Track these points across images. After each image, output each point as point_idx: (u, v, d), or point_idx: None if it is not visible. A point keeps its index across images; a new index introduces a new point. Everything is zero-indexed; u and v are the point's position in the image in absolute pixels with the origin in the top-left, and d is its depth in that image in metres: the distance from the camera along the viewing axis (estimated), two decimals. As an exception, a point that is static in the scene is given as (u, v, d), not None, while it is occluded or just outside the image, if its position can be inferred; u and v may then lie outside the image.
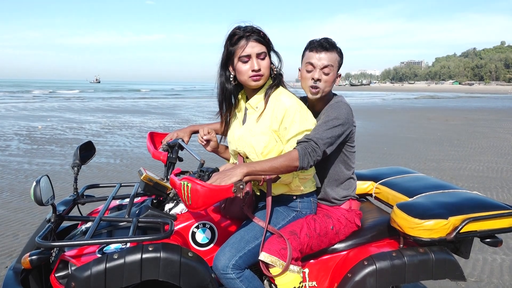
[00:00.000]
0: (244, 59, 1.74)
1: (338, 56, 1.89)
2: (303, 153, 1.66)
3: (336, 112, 1.81)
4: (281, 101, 1.77)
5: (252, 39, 1.73)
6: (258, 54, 1.74)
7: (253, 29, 1.75)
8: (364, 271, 1.77)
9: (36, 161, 7.41)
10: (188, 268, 1.56)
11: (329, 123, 1.76)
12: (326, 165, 1.93)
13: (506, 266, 3.46)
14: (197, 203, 1.46)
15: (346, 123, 1.81)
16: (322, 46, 1.85)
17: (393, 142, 10.33)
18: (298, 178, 1.83)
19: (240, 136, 1.86)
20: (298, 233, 1.78)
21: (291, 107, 1.75)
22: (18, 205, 4.91)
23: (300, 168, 1.67)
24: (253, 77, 1.76)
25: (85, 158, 2.11)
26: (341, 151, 1.91)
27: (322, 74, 1.85)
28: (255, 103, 1.84)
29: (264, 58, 1.76)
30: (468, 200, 1.92)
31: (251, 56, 1.74)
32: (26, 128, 11.93)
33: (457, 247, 2.01)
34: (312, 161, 1.68)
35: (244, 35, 1.74)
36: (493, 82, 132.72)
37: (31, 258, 1.50)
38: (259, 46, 1.74)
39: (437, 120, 16.85)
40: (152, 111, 20.28)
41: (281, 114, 1.75)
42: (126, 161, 7.58)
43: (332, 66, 1.85)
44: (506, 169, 7.33)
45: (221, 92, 1.88)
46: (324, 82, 1.86)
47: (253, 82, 1.78)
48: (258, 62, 1.75)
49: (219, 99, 1.91)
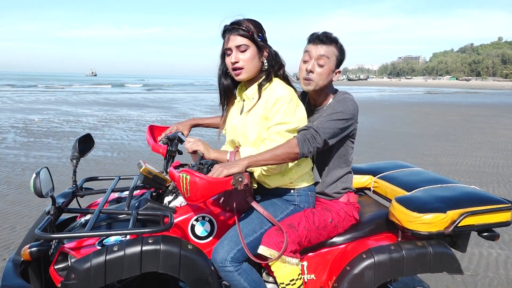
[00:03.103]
0: (228, 52, 1.80)
1: (336, 50, 1.88)
2: (302, 140, 1.68)
3: (343, 106, 1.82)
4: (274, 90, 1.79)
5: (234, 32, 1.77)
6: (237, 47, 1.77)
7: (236, 22, 1.78)
8: (362, 264, 1.78)
9: (33, 154, 7.38)
10: (188, 261, 1.57)
11: (333, 115, 1.78)
12: (326, 159, 1.94)
13: (502, 260, 3.49)
14: (196, 196, 1.46)
15: (351, 119, 1.82)
16: (319, 39, 1.87)
17: (390, 137, 10.35)
18: (296, 170, 1.84)
19: (235, 125, 1.89)
20: (296, 226, 1.79)
21: (282, 97, 1.76)
22: (15, 198, 4.90)
23: (301, 155, 1.69)
24: (234, 70, 1.80)
25: (84, 151, 2.10)
26: (343, 146, 1.93)
27: (316, 66, 1.86)
28: (251, 94, 1.86)
29: (244, 51, 1.78)
30: (466, 194, 1.93)
31: (231, 49, 1.78)
32: (23, 121, 11.86)
33: (454, 241, 2.02)
34: (311, 148, 1.70)
35: (228, 29, 1.79)
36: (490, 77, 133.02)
37: (30, 250, 1.50)
38: (239, 39, 1.77)
39: (434, 115, 16.89)
40: (149, 104, 20.21)
41: (271, 103, 1.77)
42: (123, 155, 7.57)
43: (327, 58, 1.85)
44: (503, 164, 7.37)
45: (221, 83, 1.93)
46: (317, 74, 1.86)
47: (235, 76, 1.83)
48: (236, 55, 1.78)
49: (219, 90, 1.96)
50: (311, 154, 1.72)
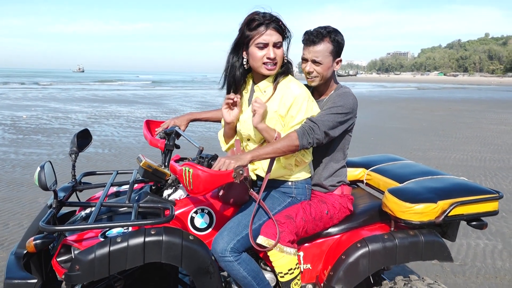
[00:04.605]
0: (261, 45, 1.76)
1: (330, 44, 1.89)
2: (302, 132, 1.74)
3: (343, 101, 1.87)
4: (291, 88, 1.81)
5: (271, 27, 1.74)
6: (275, 43, 1.76)
7: (272, 17, 1.76)
8: (357, 253, 1.84)
9: (22, 151, 7.32)
10: (189, 251, 1.61)
11: (333, 109, 1.84)
12: (324, 152, 2.00)
13: (489, 250, 3.60)
14: (198, 188, 1.50)
15: (350, 113, 1.88)
16: (310, 40, 1.90)
17: (380, 132, 10.48)
18: (296, 159, 1.88)
19: (245, 119, 1.89)
20: (294, 217, 1.84)
21: (300, 95, 1.80)
22: (6, 195, 4.87)
23: (301, 147, 1.74)
24: (266, 64, 1.78)
25: (82, 146, 2.12)
26: (342, 139, 1.99)
27: (313, 66, 1.92)
28: (264, 87, 1.88)
29: (280, 47, 1.79)
30: (456, 185, 2.00)
31: (268, 44, 1.76)
32: (11, 118, 11.71)
33: (444, 231, 2.09)
34: (311, 139, 1.75)
35: (264, 22, 1.74)
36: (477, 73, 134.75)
37: (35, 242, 1.53)
38: (277, 35, 1.76)
39: (423, 110, 17.11)
40: (139, 101, 20.09)
41: (290, 102, 1.79)
42: (114, 151, 7.55)
43: (322, 56, 1.89)
44: (489, 158, 7.54)
45: (231, 74, 1.87)
46: (317, 72, 1.92)
47: (266, 71, 1.80)
48: (274, 51, 1.77)
49: (228, 81, 1.90)
50: (310, 145, 1.77)
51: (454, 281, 3.05)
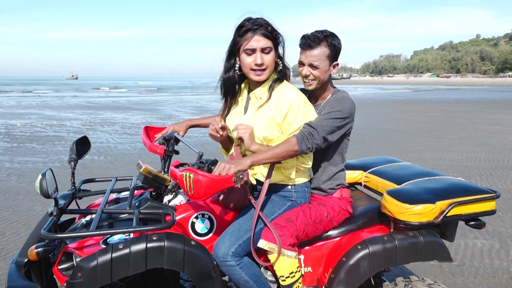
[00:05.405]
0: (249, 51, 1.77)
1: (326, 48, 1.91)
2: (301, 137, 1.75)
3: (341, 105, 1.89)
4: (286, 95, 1.82)
5: (258, 33, 1.75)
6: (262, 49, 1.77)
7: (261, 23, 1.76)
8: (358, 254, 1.86)
9: (17, 159, 7.28)
10: (191, 256, 1.62)
11: (331, 114, 1.85)
12: (324, 156, 2.01)
13: (486, 250, 3.63)
14: (199, 193, 1.51)
15: (348, 117, 1.90)
16: (306, 44, 1.92)
17: (375, 134, 10.54)
18: (296, 168, 1.89)
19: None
20: (294, 220, 1.85)
21: (296, 102, 1.80)
22: (2, 204, 4.84)
23: (300, 152, 1.75)
24: (254, 70, 1.80)
25: (81, 153, 2.12)
26: (340, 143, 2.01)
27: (310, 70, 1.94)
28: (260, 93, 1.88)
29: (269, 53, 1.79)
30: (453, 186, 2.02)
31: (256, 50, 1.77)
32: (5, 126, 11.65)
33: (443, 231, 2.11)
34: (310, 144, 1.77)
35: (251, 28, 1.75)
36: (469, 74, 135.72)
37: (37, 250, 1.52)
38: (265, 41, 1.76)
39: (417, 112, 17.22)
40: (134, 107, 20.04)
41: (286, 109, 1.80)
42: (110, 158, 7.52)
43: (319, 60, 1.91)
44: (484, 158, 7.60)
45: (226, 80, 1.89)
46: (314, 76, 1.94)
47: (255, 76, 1.81)
48: (261, 57, 1.77)
49: (223, 87, 1.92)
50: (309, 150, 1.78)
51: (453, 281, 3.07)
